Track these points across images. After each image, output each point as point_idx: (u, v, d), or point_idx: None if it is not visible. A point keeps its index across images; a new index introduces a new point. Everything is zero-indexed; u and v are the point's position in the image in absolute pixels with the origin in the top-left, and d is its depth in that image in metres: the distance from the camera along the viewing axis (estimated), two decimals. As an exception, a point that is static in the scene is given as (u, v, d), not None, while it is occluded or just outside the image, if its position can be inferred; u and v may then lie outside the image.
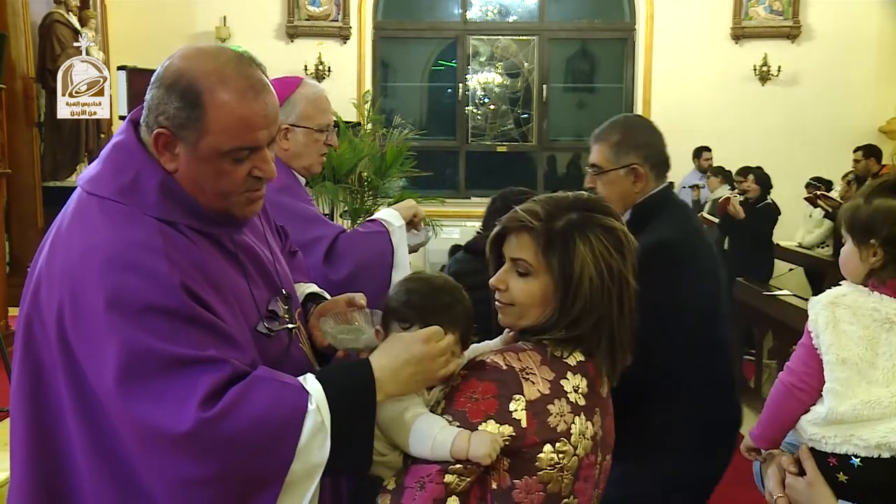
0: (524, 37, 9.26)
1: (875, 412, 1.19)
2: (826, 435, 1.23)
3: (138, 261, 1.24)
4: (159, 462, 1.21)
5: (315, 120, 2.26)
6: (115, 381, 1.20)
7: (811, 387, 1.26)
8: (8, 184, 5.67)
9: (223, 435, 1.20)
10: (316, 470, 1.25)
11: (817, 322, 1.26)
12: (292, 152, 2.25)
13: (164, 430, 1.19)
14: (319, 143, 2.28)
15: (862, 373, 1.21)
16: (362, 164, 6.12)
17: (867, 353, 1.21)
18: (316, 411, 1.25)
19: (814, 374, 1.25)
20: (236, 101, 1.29)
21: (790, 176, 7.82)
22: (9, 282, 5.49)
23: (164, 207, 1.31)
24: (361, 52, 8.74)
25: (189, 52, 1.33)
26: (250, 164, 1.34)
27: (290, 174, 2.26)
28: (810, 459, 1.27)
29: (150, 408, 1.19)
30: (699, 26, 8.51)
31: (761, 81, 8.48)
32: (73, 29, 7.19)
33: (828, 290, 1.30)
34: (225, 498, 1.23)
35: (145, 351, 1.20)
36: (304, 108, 2.24)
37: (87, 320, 1.23)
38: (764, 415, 1.34)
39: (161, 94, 1.30)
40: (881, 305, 1.23)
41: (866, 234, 1.26)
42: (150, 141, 1.32)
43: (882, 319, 1.22)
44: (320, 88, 2.36)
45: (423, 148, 7.91)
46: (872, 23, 8.40)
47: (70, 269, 1.27)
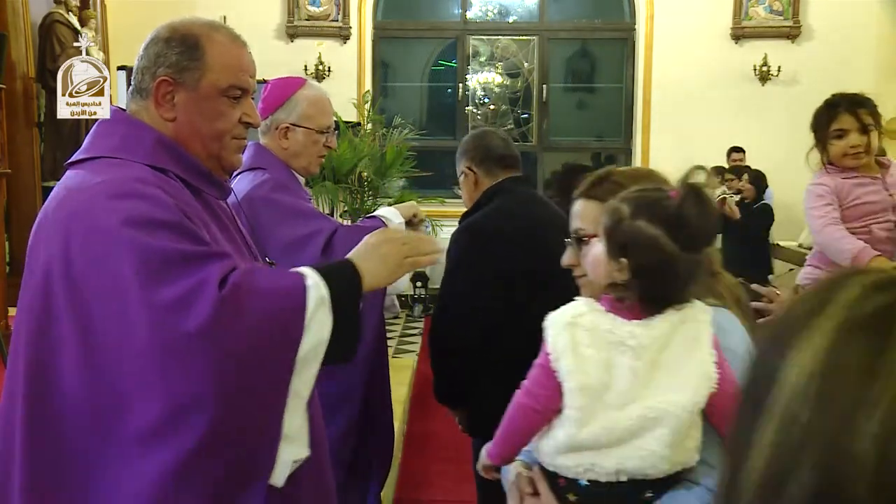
0: (524, 37, 9.26)
1: (612, 437, 1.18)
2: (568, 465, 1.22)
3: (137, 189, 1.33)
4: (183, 355, 1.23)
5: (316, 121, 2.27)
6: (133, 283, 1.24)
7: (548, 409, 1.23)
8: (8, 184, 5.67)
9: (241, 310, 1.26)
10: (321, 347, 1.32)
11: (556, 344, 1.22)
12: (291, 151, 2.26)
13: (187, 315, 1.23)
14: (319, 145, 2.30)
15: (600, 398, 1.20)
16: (362, 164, 6.13)
17: (605, 376, 1.19)
18: (315, 286, 1.33)
19: (551, 395, 1.22)
20: (230, 44, 1.48)
21: (790, 176, 7.82)
22: (9, 282, 5.49)
23: (155, 157, 1.41)
24: (361, 52, 8.74)
25: (172, 20, 1.49)
26: (241, 109, 1.49)
27: (289, 172, 2.27)
28: (542, 480, 1.27)
29: (171, 296, 1.24)
30: (699, 26, 8.51)
31: (761, 81, 8.48)
32: (73, 29, 7.19)
33: (564, 307, 1.26)
34: (247, 381, 1.27)
35: (160, 250, 1.27)
36: (305, 108, 2.26)
37: (98, 245, 1.27)
38: (499, 433, 1.31)
39: (160, 48, 1.44)
40: (615, 328, 1.21)
41: (619, 251, 1.22)
42: (147, 99, 1.44)
43: (616, 342, 1.20)
44: (322, 90, 2.38)
45: (423, 148, 7.91)
46: (872, 23, 8.40)
47: (73, 212, 1.32)
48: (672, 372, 1.20)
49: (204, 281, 1.26)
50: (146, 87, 1.45)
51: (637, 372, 1.20)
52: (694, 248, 1.20)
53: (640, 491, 1.22)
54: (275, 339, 1.29)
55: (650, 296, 1.22)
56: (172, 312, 1.24)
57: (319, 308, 1.32)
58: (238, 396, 1.27)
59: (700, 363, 1.21)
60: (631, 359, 1.20)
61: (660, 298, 1.23)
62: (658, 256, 1.19)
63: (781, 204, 6.82)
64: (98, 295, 1.26)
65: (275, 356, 1.30)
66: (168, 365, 1.24)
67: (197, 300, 1.24)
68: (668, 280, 1.21)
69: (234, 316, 1.25)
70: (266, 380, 1.30)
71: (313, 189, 5.38)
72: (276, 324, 1.30)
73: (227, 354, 1.25)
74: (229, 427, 1.27)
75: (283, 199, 2.14)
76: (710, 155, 8.10)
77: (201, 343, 1.23)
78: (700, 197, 1.20)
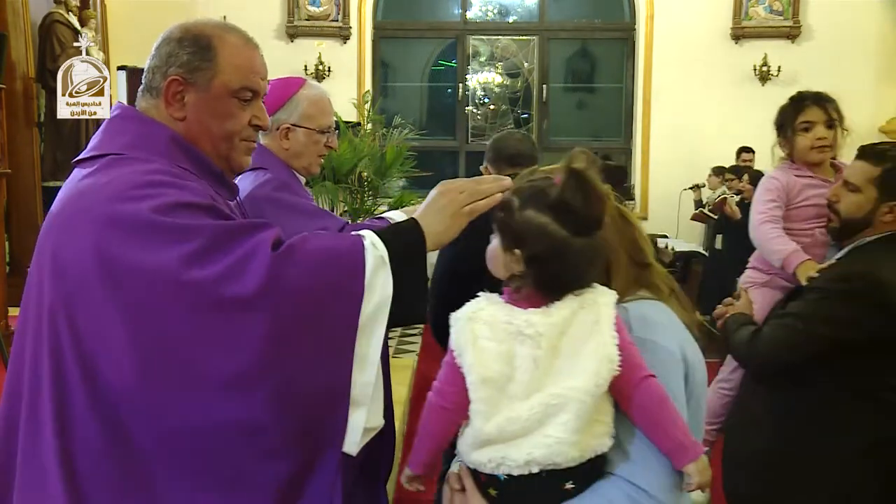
0: (524, 37, 9.26)
1: (517, 427, 1.18)
2: (481, 460, 1.22)
3: (165, 179, 1.33)
4: (240, 320, 1.23)
5: (317, 121, 2.27)
6: (183, 261, 1.23)
7: (458, 406, 1.23)
8: (8, 184, 5.66)
9: (296, 268, 1.26)
10: (383, 307, 1.31)
11: (458, 340, 1.22)
12: (292, 152, 2.26)
13: (243, 280, 1.24)
14: (320, 145, 2.30)
15: (503, 389, 1.19)
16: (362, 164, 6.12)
17: (506, 368, 1.19)
18: (372, 246, 1.33)
19: (460, 392, 1.22)
20: (242, 46, 1.48)
21: (790, 176, 7.82)
22: (9, 282, 5.48)
23: (170, 154, 1.41)
24: (361, 52, 8.74)
25: (184, 22, 1.50)
26: (251, 111, 1.49)
27: (291, 172, 2.27)
28: (468, 476, 1.28)
29: (230, 265, 1.24)
30: (699, 26, 8.51)
31: (761, 81, 8.48)
32: (73, 29, 7.19)
33: (468, 303, 1.26)
34: (307, 342, 1.26)
35: (207, 228, 1.27)
36: (306, 108, 2.26)
37: (138, 235, 1.26)
38: (418, 439, 1.31)
39: (172, 47, 1.44)
40: (513, 318, 1.20)
41: (513, 242, 1.23)
42: (158, 98, 1.44)
43: (515, 332, 1.20)
44: (323, 90, 2.38)
45: (423, 148, 7.90)
46: (872, 23, 8.40)
47: (99, 207, 1.29)
48: (572, 357, 1.20)
49: (257, 245, 1.27)
50: (157, 85, 1.45)
51: (538, 361, 1.19)
52: (583, 232, 1.20)
53: (558, 482, 1.21)
54: (335, 299, 1.28)
55: (546, 283, 1.22)
56: (226, 281, 1.24)
57: (379, 269, 1.31)
58: (299, 358, 1.26)
59: (600, 346, 1.19)
60: (531, 348, 1.20)
61: (556, 285, 1.22)
62: (548, 243, 1.19)
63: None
64: (144, 283, 1.24)
65: (335, 316, 1.29)
66: (226, 333, 1.23)
67: (250, 264, 1.25)
68: (561, 266, 1.20)
69: (288, 275, 1.26)
70: (327, 340, 1.28)
71: (313, 189, 5.38)
72: (335, 284, 1.29)
73: (284, 314, 1.25)
74: (294, 390, 1.25)
75: (286, 199, 2.14)
76: (710, 155, 8.12)
77: (259, 302, 1.23)
78: (580, 180, 1.20)
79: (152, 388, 1.24)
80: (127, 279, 1.25)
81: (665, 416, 1.23)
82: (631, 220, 1.40)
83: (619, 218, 1.37)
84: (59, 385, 1.28)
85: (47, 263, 1.32)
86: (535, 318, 1.20)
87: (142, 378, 1.24)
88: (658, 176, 8.67)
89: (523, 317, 1.21)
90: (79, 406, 1.26)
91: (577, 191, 1.19)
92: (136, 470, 1.25)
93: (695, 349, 1.36)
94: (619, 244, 1.35)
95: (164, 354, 1.24)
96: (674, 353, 1.31)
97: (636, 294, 1.35)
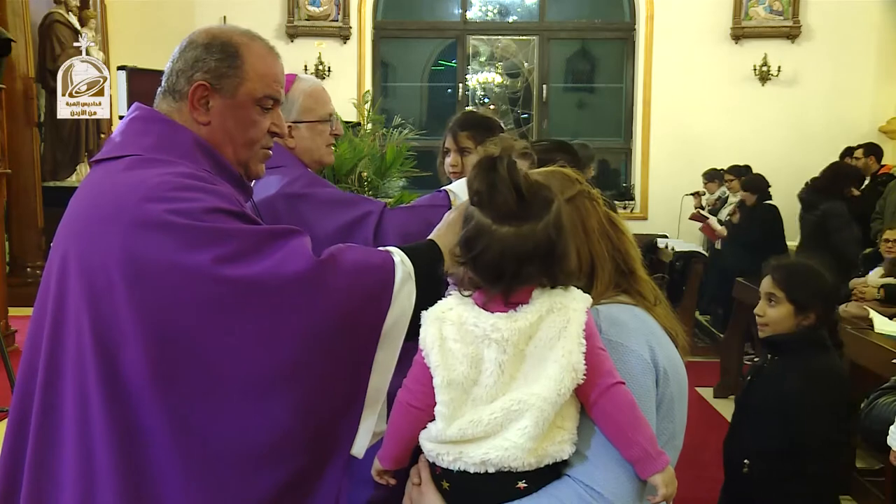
0: (524, 37, 9.27)
1: (478, 430, 1.17)
2: (440, 452, 1.22)
3: (196, 184, 1.34)
4: (286, 314, 1.25)
5: (316, 112, 2.25)
6: (218, 261, 1.25)
7: (425, 404, 1.22)
8: (8, 184, 5.67)
9: (336, 275, 1.30)
10: (404, 318, 1.36)
11: (426, 339, 1.21)
12: (300, 149, 2.23)
13: (287, 274, 1.27)
14: (325, 134, 2.27)
15: (467, 392, 1.18)
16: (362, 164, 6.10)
17: (472, 371, 1.18)
18: (401, 262, 1.39)
19: (426, 391, 1.21)
20: (267, 55, 1.51)
21: (790, 176, 7.82)
22: (9, 282, 5.49)
23: (194, 157, 1.43)
24: (361, 52, 8.75)
25: (210, 26, 1.53)
26: (270, 119, 1.52)
27: (306, 168, 2.25)
28: (425, 468, 1.28)
29: (271, 265, 1.27)
30: (699, 26, 8.51)
31: (761, 81, 8.48)
32: (73, 29, 7.20)
33: (439, 301, 1.26)
34: (336, 346, 1.29)
35: (246, 231, 1.30)
36: (302, 102, 2.23)
37: (171, 237, 1.26)
38: (387, 434, 1.31)
39: (199, 52, 1.46)
40: (480, 321, 1.19)
41: (465, 249, 1.21)
42: (181, 102, 1.45)
43: (482, 336, 1.18)
44: (315, 80, 2.35)
45: (423, 148, 7.88)
46: (872, 23, 8.40)
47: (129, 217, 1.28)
48: (537, 363, 1.18)
49: (297, 248, 1.30)
50: (181, 89, 1.45)
51: (504, 365, 1.18)
52: (505, 221, 1.18)
53: (512, 480, 1.20)
54: (364, 309, 1.33)
55: (479, 273, 1.20)
56: (273, 277, 1.26)
57: (406, 283, 1.37)
58: (326, 362, 1.29)
59: (566, 353, 1.17)
60: (497, 352, 1.18)
61: (489, 274, 1.19)
62: (473, 230, 1.19)
63: (780, 204, 6.82)
64: (177, 281, 1.25)
65: (364, 325, 1.33)
66: (261, 329, 1.25)
67: (291, 264, 1.28)
68: (487, 253, 1.18)
69: (329, 278, 1.29)
70: (354, 347, 1.32)
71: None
72: (367, 294, 1.33)
73: (322, 315, 1.28)
74: (318, 396, 1.29)
75: (321, 192, 2.12)
76: (710, 155, 8.13)
77: (299, 300, 1.27)
78: (483, 167, 1.20)
79: (173, 389, 1.25)
80: (159, 280, 1.25)
81: (630, 425, 1.20)
82: (620, 226, 1.38)
83: (607, 223, 1.35)
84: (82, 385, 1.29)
85: (73, 267, 1.31)
86: (501, 323, 1.18)
87: (162, 379, 1.24)
88: (658, 176, 8.67)
89: (490, 321, 1.19)
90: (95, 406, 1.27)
91: (482, 178, 1.19)
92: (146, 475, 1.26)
93: (669, 355, 1.33)
94: (605, 250, 1.33)
95: (187, 355, 1.25)
96: (642, 357, 1.29)
97: (613, 298, 1.34)
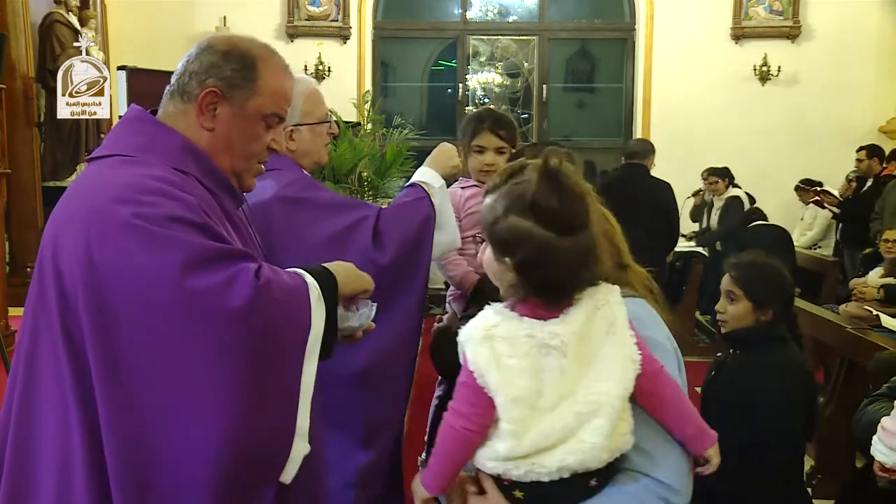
0: (524, 37, 9.26)
1: (551, 440, 1.16)
2: (508, 468, 1.19)
3: (163, 188, 1.33)
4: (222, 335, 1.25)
5: (315, 114, 2.27)
6: (176, 274, 1.25)
7: (483, 426, 1.20)
8: (8, 184, 5.66)
9: (273, 299, 1.31)
10: (318, 340, 1.38)
11: (477, 361, 1.17)
12: (300, 151, 2.25)
13: (230, 297, 1.26)
14: (324, 135, 2.30)
15: (533, 406, 1.17)
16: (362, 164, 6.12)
17: (533, 383, 1.16)
18: (313, 284, 1.40)
19: (483, 412, 1.18)
20: (282, 73, 1.53)
21: (790, 176, 7.83)
22: (9, 282, 5.48)
23: (180, 160, 1.43)
24: (361, 52, 8.74)
25: (230, 34, 1.57)
26: (271, 135, 1.53)
27: (303, 172, 2.26)
28: (489, 479, 1.24)
29: (214, 281, 1.27)
30: (699, 26, 8.51)
31: (761, 81, 8.48)
32: (73, 29, 7.19)
33: (474, 320, 1.22)
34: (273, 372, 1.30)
35: (194, 245, 1.28)
36: (302, 105, 2.24)
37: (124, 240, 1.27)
38: (437, 461, 1.26)
39: (216, 59, 1.46)
40: (535, 331, 1.17)
41: (502, 250, 1.20)
42: (189, 104, 1.45)
43: (539, 345, 1.17)
44: (310, 80, 2.38)
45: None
46: (872, 23, 8.40)
47: (94, 209, 1.31)
48: (597, 362, 1.19)
49: (242, 270, 1.30)
50: (192, 91, 1.45)
51: (564, 370, 1.18)
52: (568, 232, 1.17)
53: (583, 480, 1.21)
54: (292, 330, 1.35)
55: (542, 289, 1.19)
56: (213, 295, 1.26)
57: (318, 303, 1.39)
58: (265, 390, 1.29)
59: (622, 347, 1.19)
60: (557, 359, 1.17)
61: (551, 289, 1.19)
62: (534, 247, 1.16)
63: (779, 204, 6.82)
64: (130, 288, 1.25)
65: (292, 346, 1.34)
66: (206, 349, 1.25)
67: (236, 284, 1.28)
68: (552, 269, 1.17)
69: (267, 303, 1.30)
70: (286, 370, 1.33)
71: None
72: (293, 315, 1.35)
73: (259, 340, 1.28)
74: (254, 421, 1.28)
75: (317, 196, 2.14)
76: (710, 155, 8.12)
77: (239, 323, 1.26)
78: (553, 178, 1.17)
79: (120, 392, 1.26)
80: (114, 281, 1.26)
81: (685, 404, 1.25)
82: (611, 220, 1.39)
83: (602, 218, 1.36)
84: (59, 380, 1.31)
85: (48, 258, 1.34)
86: (558, 329, 1.18)
87: (106, 384, 1.26)
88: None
89: (546, 329, 1.18)
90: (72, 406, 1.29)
91: (551, 190, 1.17)
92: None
93: (677, 344, 1.39)
94: (603, 244, 1.33)
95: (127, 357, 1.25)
96: (667, 347, 1.33)
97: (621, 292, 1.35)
